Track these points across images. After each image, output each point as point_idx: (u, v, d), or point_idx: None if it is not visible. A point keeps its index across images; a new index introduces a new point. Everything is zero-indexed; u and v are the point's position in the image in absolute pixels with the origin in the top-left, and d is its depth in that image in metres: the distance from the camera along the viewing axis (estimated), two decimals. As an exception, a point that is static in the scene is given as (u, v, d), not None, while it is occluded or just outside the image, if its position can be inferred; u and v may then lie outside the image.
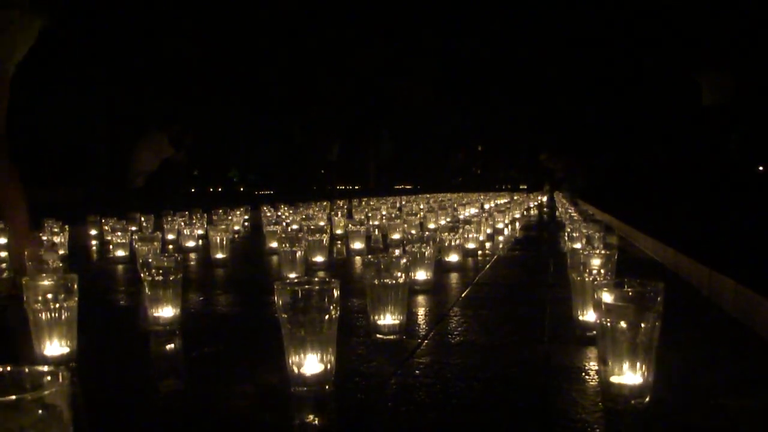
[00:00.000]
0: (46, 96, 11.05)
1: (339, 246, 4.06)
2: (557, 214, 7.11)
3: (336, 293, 1.27)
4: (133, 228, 4.33)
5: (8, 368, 0.63)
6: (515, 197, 10.83)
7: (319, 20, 16.56)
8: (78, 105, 12.13)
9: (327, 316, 1.25)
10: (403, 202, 8.48)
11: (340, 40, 16.75)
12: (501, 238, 4.59)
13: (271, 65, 16.27)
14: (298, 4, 16.00)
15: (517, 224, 5.92)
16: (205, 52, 14.01)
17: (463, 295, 2.35)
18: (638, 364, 1.15)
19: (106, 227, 4.19)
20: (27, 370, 0.63)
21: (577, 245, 2.70)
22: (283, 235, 2.75)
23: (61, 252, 3.25)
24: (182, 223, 4.36)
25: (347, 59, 16.96)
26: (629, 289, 1.18)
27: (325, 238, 3.07)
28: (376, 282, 1.67)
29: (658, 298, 1.15)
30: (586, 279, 1.67)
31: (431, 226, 4.73)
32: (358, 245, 3.62)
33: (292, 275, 2.62)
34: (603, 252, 1.71)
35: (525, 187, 22.26)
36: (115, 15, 11.58)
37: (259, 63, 16.04)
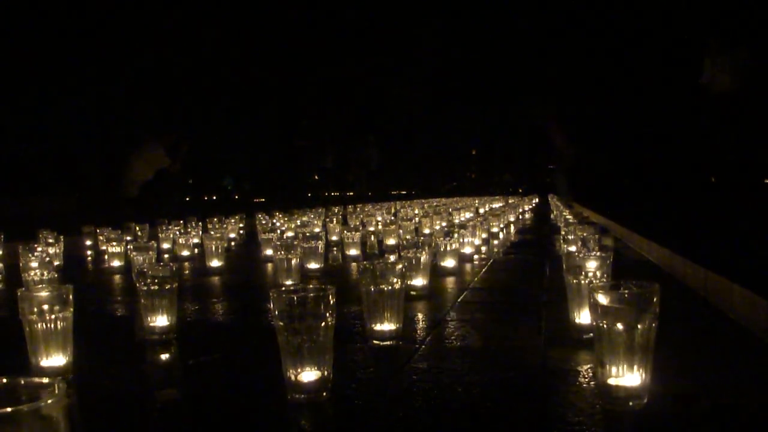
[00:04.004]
0: (40, 105, 11.01)
1: (334, 252, 4.05)
2: (552, 216, 7.12)
3: (332, 300, 1.27)
4: (128, 237, 4.32)
5: (4, 380, 0.62)
6: (510, 200, 10.85)
7: (311, 27, 16.60)
8: (72, 114, 12.10)
9: (323, 323, 1.24)
10: (398, 208, 8.48)
11: (333, 45, 16.79)
12: (496, 242, 4.59)
13: (265, 71, 16.28)
14: (290, 12, 16.03)
15: (512, 228, 5.92)
16: (199, 61, 14.00)
17: (459, 299, 2.35)
18: (635, 366, 1.15)
19: (101, 237, 4.17)
20: (23, 381, 0.62)
21: (573, 248, 2.70)
22: (279, 243, 2.75)
23: (56, 263, 3.23)
24: (177, 232, 4.35)
25: (339, 65, 16.99)
26: (625, 291, 1.18)
27: (321, 244, 3.07)
28: (372, 288, 1.67)
29: (655, 300, 1.16)
30: (582, 281, 1.67)
31: (426, 231, 4.73)
32: (353, 251, 3.61)
33: (288, 282, 2.61)
34: (598, 254, 1.72)
35: (521, 191, 22.30)
36: (110, 24, 11.57)
37: (254, 70, 16.05)
